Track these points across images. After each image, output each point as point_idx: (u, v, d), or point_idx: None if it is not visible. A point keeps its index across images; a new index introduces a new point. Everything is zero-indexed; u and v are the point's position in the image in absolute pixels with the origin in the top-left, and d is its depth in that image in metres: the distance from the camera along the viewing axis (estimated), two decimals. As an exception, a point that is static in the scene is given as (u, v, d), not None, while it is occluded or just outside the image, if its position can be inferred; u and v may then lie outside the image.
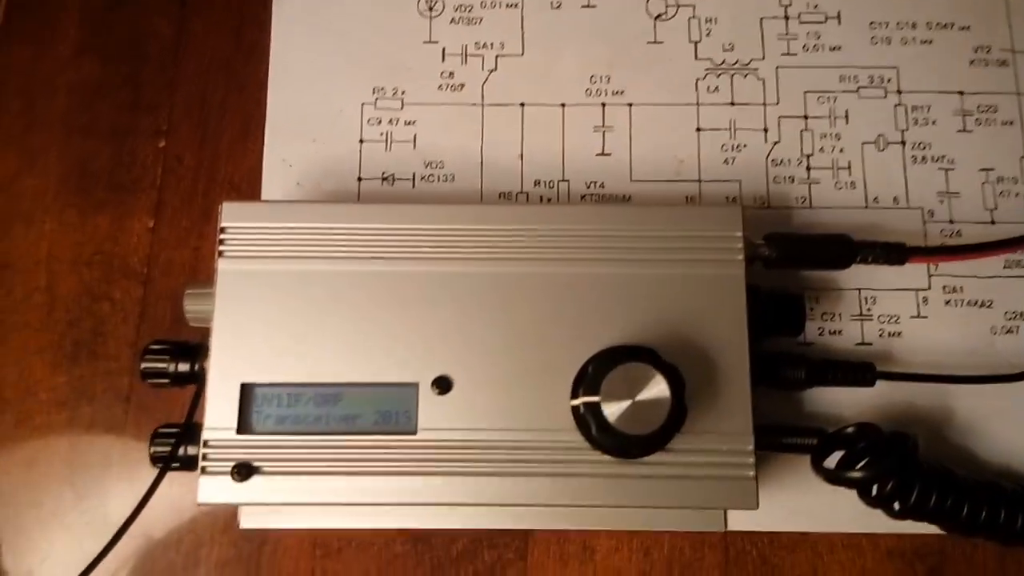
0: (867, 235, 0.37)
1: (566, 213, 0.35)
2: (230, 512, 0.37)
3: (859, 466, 0.33)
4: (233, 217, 0.34)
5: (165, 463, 0.33)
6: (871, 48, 0.41)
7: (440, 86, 0.41)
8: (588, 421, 0.31)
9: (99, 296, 0.39)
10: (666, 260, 0.34)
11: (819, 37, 0.41)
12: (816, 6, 0.42)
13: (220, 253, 0.34)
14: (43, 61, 0.42)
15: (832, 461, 0.34)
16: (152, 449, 0.33)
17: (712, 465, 0.32)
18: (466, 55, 0.41)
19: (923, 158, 0.40)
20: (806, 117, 0.40)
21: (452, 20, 0.42)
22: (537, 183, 0.40)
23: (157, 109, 0.41)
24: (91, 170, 0.41)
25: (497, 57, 0.41)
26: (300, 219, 0.34)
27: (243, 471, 0.32)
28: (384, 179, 0.40)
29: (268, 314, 0.33)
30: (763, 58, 0.41)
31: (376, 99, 0.41)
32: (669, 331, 0.33)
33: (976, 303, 0.38)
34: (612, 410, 0.30)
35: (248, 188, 0.40)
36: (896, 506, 0.33)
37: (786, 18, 0.42)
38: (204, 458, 0.32)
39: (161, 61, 0.42)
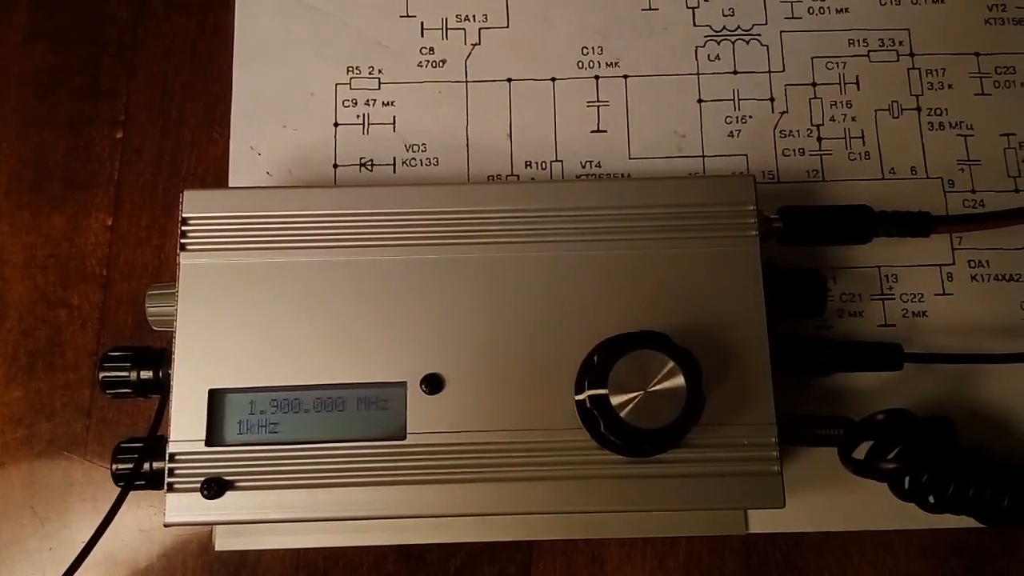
0: (886, 207, 0.35)
1: (562, 191, 0.33)
2: (204, 533, 0.35)
3: (891, 456, 0.31)
4: (196, 206, 0.32)
5: (128, 481, 0.31)
6: (880, 9, 0.40)
7: (420, 63, 0.39)
8: (595, 417, 0.29)
9: (55, 302, 0.37)
10: (672, 239, 0.32)
11: (824, -1, 0.40)
12: (818, -34, 0.40)
13: (182, 246, 0.32)
14: (-10, 48, 0.40)
15: (861, 452, 0.32)
16: (114, 466, 0.31)
17: (732, 461, 0.30)
18: (446, 29, 0.39)
19: (940, 124, 0.38)
20: (814, 84, 0.39)
21: (430, -9, 0.40)
22: (528, 164, 0.38)
23: (114, 97, 0.39)
24: (44, 165, 0.39)
25: (480, 30, 0.39)
26: (271, 206, 0.32)
27: (214, 487, 0.30)
28: (362, 164, 0.38)
29: (237, 311, 0.31)
30: (766, 23, 0.40)
31: (351, 79, 0.39)
32: (678, 316, 0.31)
33: (1004, 277, 0.37)
34: (622, 403, 0.28)
35: (214, 180, 0.38)
36: (931, 499, 0.31)
37: (787, -20, 0.40)
38: (170, 474, 0.30)
39: (118, 45, 0.40)
